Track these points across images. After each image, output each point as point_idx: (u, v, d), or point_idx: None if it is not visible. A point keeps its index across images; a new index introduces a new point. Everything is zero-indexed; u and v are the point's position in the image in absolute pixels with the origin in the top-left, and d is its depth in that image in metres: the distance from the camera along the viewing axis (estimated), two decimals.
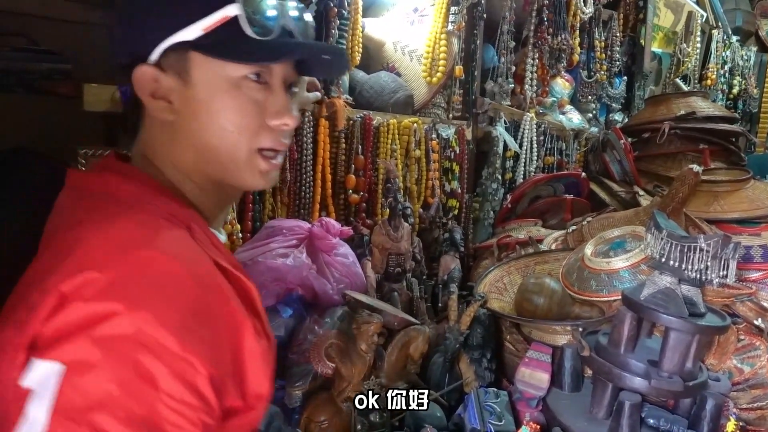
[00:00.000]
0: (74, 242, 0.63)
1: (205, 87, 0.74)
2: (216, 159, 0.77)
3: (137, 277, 0.60)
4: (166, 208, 0.71)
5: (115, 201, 0.70)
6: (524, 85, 2.59)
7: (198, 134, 0.75)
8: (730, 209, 1.96)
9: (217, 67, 0.73)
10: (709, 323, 1.15)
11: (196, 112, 0.75)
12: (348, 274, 1.56)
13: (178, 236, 0.68)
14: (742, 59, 4.67)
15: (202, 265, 0.68)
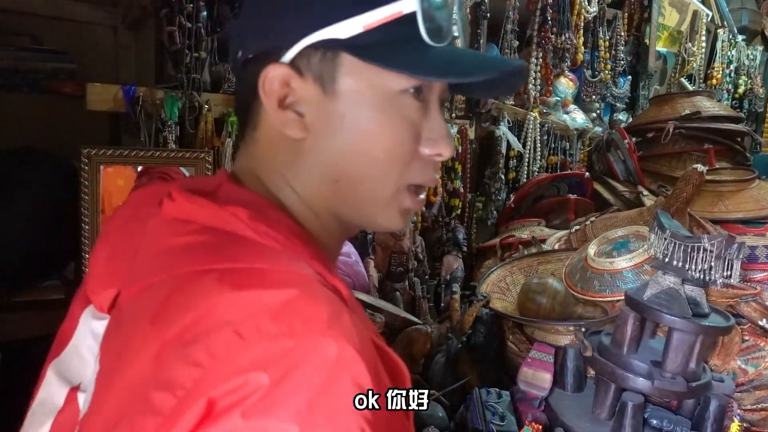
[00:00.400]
0: (211, 311, 0.46)
1: (354, 100, 0.58)
2: (353, 193, 0.61)
3: (317, 383, 0.43)
4: (314, 263, 0.55)
5: (252, 249, 0.53)
6: (528, 85, 2.59)
7: (334, 159, 0.59)
8: (734, 209, 1.95)
9: (373, 76, 0.57)
10: (713, 324, 1.15)
11: (337, 130, 0.58)
12: (351, 273, 1.57)
13: (346, 314, 0.49)
14: (748, 58, 4.65)
15: (373, 355, 0.49)
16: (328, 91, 0.58)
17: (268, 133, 0.61)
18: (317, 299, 0.48)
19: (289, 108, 0.59)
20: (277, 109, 0.58)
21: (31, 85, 1.72)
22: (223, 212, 0.55)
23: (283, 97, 0.58)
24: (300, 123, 0.59)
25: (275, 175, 0.62)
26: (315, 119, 0.59)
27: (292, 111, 0.59)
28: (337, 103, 0.58)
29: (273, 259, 0.52)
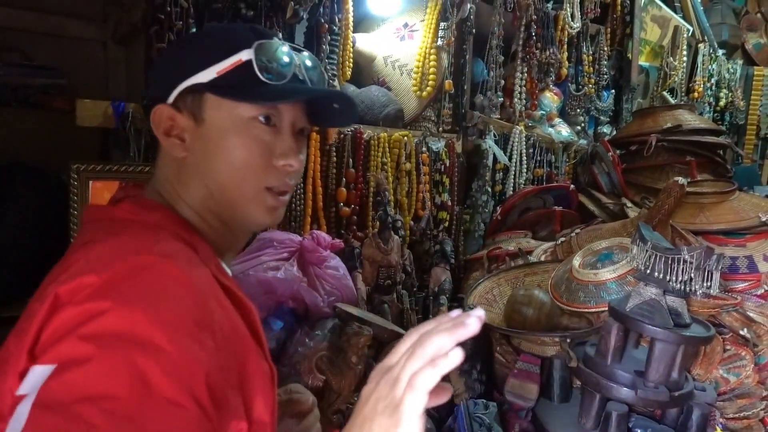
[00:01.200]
0: (80, 256, 0.65)
1: (217, 126, 0.78)
2: (224, 195, 0.79)
3: (133, 278, 0.60)
4: (177, 231, 0.74)
5: (130, 224, 0.73)
6: (513, 99, 2.62)
7: (208, 171, 0.79)
8: (716, 220, 1.99)
9: (229, 108, 0.77)
10: (694, 334, 1.17)
11: (208, 150, 0.78)
12: (339, 286, 1.58)
13: (181, 248, 0.70)
14: (729, 72, 4.73)
15: (203, 276, 0.68)
16: (199, 121, 0.78)
17: (163, 156, 0.82)
18: (158, 239, 0.69)
19: (172, 136, 0.79)
20: (164, 137, 0.79)
21: (21, 100, 1.73)
22: (116, 209, 0.77)
23: (169, 128, 0.79)
24: (182, 146, 0.79)
25: (169, 188, 0.81)
26: (193, 143, 0.79)
27: (176, 138, 0.79)
28: (207, 129, 0.78)
29: (140, 230, 0.71)
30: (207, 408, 0.58)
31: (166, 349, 0.56)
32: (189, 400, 0.56)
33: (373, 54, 2.25)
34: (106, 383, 0.53)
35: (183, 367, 0.57)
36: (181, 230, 0.75)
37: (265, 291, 1.45)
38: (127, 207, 0.76)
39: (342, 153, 1.92)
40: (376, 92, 2.10)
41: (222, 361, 0.63)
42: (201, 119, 0.78)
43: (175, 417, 0.55)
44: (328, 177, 1.91)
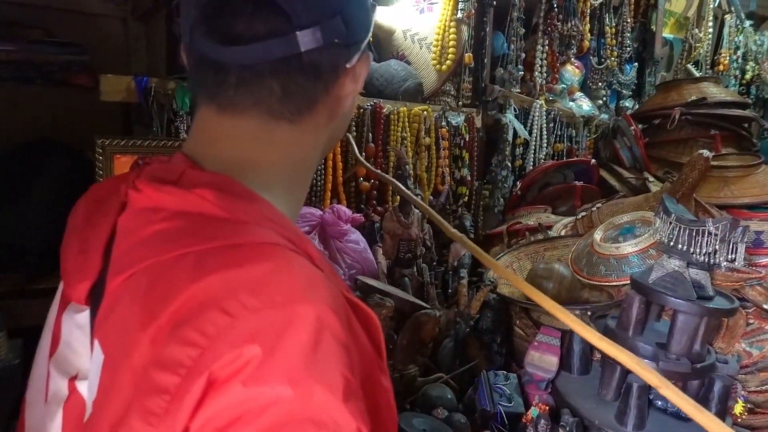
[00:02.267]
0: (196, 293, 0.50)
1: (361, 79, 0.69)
2: (336, 142, 0.77)
3: (312, 347, 0.48)
4: (284, 231, 0.59)
5: (222, 227, 0.56)
6: (534, 72, 2.59)
7: (343, 128, 0.75)
8: (740, 194, 1.96)
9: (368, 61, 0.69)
10: (717, 306, 1.17)
11: (351, 105, 0.71)
12: (359, 260, 1.59)
13: (318, 276, 0.55)
14: (756, 44, 4.61)
15: (342, 307, 0.55)
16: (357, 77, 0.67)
17: (326, 108, 0.66)
18: (291, 268, 0.54)
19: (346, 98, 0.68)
20: (344, 99, 0.67)
21: (45, 77, 1.75)
22: (191, 196, 0.58)
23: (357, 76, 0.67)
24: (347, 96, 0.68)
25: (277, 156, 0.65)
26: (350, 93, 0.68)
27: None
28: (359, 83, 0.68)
29: (244, 233, 0.56)
30: None
31: (351, 426, 0.48)
32: None
33: (393, 27, 2.23)
34: None
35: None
36: (285, 223, 0.61)
37: None
38: (211, 196, 0.58)
39: (362, 128, 1.92)
40: (396, 66, 2.08)
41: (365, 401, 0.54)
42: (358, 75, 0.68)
43: None
44: (348, 152, 1.91)
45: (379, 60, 2.15)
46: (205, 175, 0.61)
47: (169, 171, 0.62)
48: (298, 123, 0.64)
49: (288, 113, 0.63)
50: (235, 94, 0.61)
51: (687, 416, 1.19)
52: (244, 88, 0.60)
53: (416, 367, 1.42)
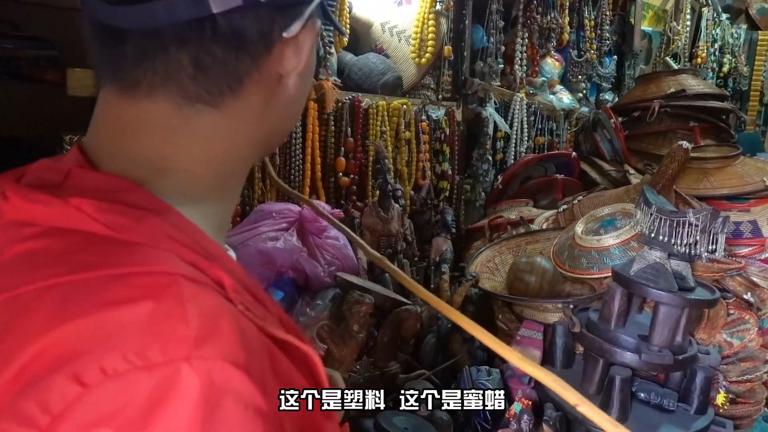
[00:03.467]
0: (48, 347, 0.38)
1: (310, 55, 0.55)
2: (281, 136, 0.65)
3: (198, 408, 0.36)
4: (188, 254, 0.45)
5: (103, 250, 0.43)
6: (514, 65, 2.58)
7: (291, 116, 0.61)
8: (719, 185, 1.97)
9: (315, 29, 0.54)
10: (698, 297, 1.16)
11: (305, 86, 0.58)
12: (339, 256, 1.56)
13: (222, 317, 0.41)
14: (732, 37, 4.67)
15: (257, 353, 0.42)
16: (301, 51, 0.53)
17: (258, 88, 0.52)
18: (183, 309, 0.39)
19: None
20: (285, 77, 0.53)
21: (12, 72, 1.69)
22: (67, 207, 0.45)
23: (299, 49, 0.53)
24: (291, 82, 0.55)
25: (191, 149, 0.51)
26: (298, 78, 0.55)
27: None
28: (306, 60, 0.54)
29: (130, 259, 0.43)
30: None
31: None
32: None
33: (371, 20, 2.20)
34: None
35: None
36: (189, 247, 0.46)
37: (265, 261, 1.43)
38: (91, 208, 0.45)
39: (340, 122, 1.89)
40: (374, 60, 2.06)
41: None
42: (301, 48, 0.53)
43: None
44: (327, 146, 1.88)
45: (357, 53, 2.12)
46: (94, 177, 0.49)
47: (54, 171, 0.49)
48: (222, 108, 0.50)
49: (205, 94, 0.49)
50: (135, 69, 0.48)
51: (669, 408, 1.19)
52: (147, 62, 0.47)
53: (397, 364, 1.39)
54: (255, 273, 1.45)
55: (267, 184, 1.71)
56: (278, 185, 1.38)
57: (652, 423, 1.16)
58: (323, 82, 1.77)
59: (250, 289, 0.49)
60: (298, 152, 1.76)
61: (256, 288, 0.51)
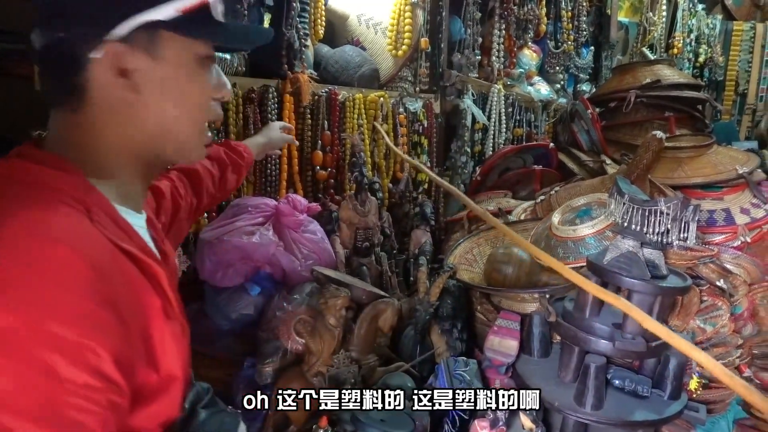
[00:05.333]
0: None
1: (176, 64, 0.74)
2: (174, 138, 0.77)
3: (30, 270, 0.57)
4: (69, 190, 0.68)
5: (13, 184, 0.67)
6: (491, 57, 2.58)
7: (161, 113, 0.75)
8: (693, 174, 1.99)
9: (188, 46, 0.74)
10: (670, 285, 1.17)
11: (163, 89, 0.74)
12: (316, 250, 1.56)
13: (72, 221, 0.64)
14: (708, 28, 4.71)
15: (97, 249, 0.64)
16: (156, 59, 0.72)
17: (92, 101, 0.72)
18: (56, 213, 0.63)
19: (125, 77, 0.72)
20: (116, 78, 0.71)
21: None
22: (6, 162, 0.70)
23: (121, 68, 0.71)
24: (132, 87, 0.73)
25: (93, 135, 0.74)
26: (145, 84, 0.73)
27: (126, 79, 0.72)
28: (165, 68, 0.73)
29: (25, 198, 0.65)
30: (118, 383, 0.60)
31: (69, 338, 0.56)
32: (101, 380, 0.58)
33: (347, 12, 2.19)
34: (16, 386, 0.53)
35: (89, 351, 0.57)
36: (74, 188, 0.69)
37: (241, 256, 1.42)
38: (18, 164, 0.69)
39: (317, 115, 1.88)
40: (351, 52, 2.05)
41: (125, 333, 0.63)
42: (159, 57, 0.72)
43: (90, 399, 0.57)
44: (304, 140, 1.87)
45: (333, 46, 2.11)
46: (30, 150, 0.72)
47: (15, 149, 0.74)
48: (79, 112, 0.72)
49: (57, 101, 0.73)
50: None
51: (644, 394, 1.21)
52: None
53: (375, 356, 1.39)
54: (232, 268, 1.44)
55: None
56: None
57: (627, 409, 1.17)
58: (299, 74, 1.75)
59: (116, 222, 0.71)
60: None
61: (124, 224, 0.73)
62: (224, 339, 1.46)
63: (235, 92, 1.62)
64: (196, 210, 1.29)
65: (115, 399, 0.60)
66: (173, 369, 0.71)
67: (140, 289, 0.69)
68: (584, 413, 1.16)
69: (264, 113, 1.70)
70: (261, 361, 1.30)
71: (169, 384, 0.71)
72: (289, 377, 1.27)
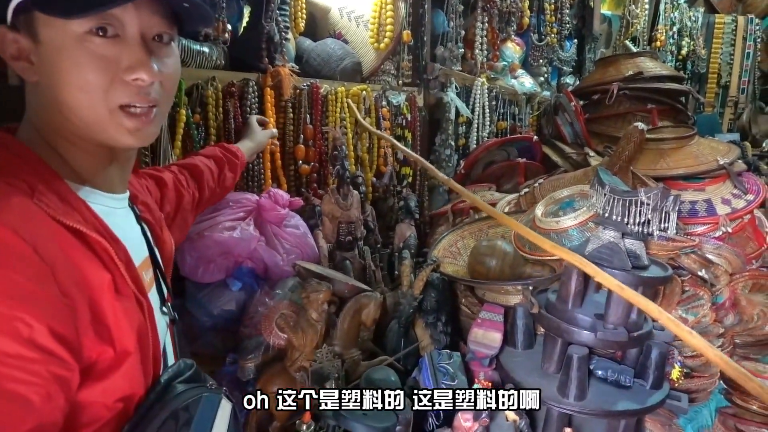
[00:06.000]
0: None
1: (52, 45, 0.72)
2: (77, 117, 0.76)
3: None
4: (11, 169, 0.70)
5: None
6: (475, 50, 2.58)
7: (55, 93, 0.74)
8: (675, 166, 1.99)
9: (59, 25, 0.72)
10: (651, 275, 1.18)
11: (50, 71, 0.74)
12: (299, 244, 1.54)
13: (10, 200, 0.65)
14: (690, 20, 4.74)
15: (32, 226, 0.65)
16: (36, 41, 0.73)
17: (26, 84, 0.77)
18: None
19: (21, 59, 0.74)
20: (13, 61, 0.74)
21: None
22: None
23: (15, 51, 0.74)
24: (32, 69, 0.75)
25: (33, 114, 0.78)
26: (38, 65, 0.74)
27: (25, 61, 0.75)
28: (44, 49, 0.73)
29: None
30: (59, 354, 0.61)
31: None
32: (34, 350, 0.59)
33: (328, 5, 2.17)
34: None
35: (20, 322, 0.58)
36: (18, 167, 0.71)
37: (222, 251, 1.41)
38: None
39: (299, 109, 1.86)
40: (332, 45, 2.03)
41: (71, 303, 0.64)
42: (38, 39, 0.73)
43: (26, 370, 0.58)
44: (286, 134, 1.85)
45: (315, 39, 2.09)
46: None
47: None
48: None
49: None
50: None
51: (626, 384, 1.21)
52: None
53: (359, 350, 1.39)
54: (213, 264, 1.43)
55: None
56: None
57: (609, 399, 1.17)
58: (279, 68, 1.74)
59: (64, 199, 0.72)
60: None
61: (74, 200, 0.74)
62: (206, 335, 1.45)
63: (214, 86, 1.59)
64: (199, 202, 1.32)
65: (58, 371, 0.61)
66: (126, 344, 0.71)
67: (86, 265, 0.69)
68: (568, 404, 1.16)
69: (244, 107, 1.68)
70: (243, 356, 1.29)
71: (124, 359, 0.71)
72: (271, 373, 1.25)
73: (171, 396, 0.76)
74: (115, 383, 0.71)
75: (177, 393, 0.77)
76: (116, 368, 0.70)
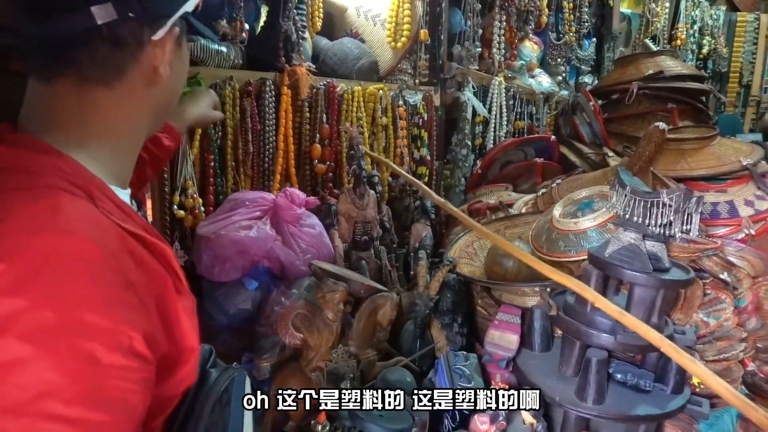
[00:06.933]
0: None
1: (180, 45, 0.80)
2: (170, 110, 0.86)
3: (48, 264, 0.58)
4: (66, 177, 0.68)
5: (10, 174, 0.66)
6: (492, 49, 2.56)
7: (167, 93, 0.82)
8: (697, 166, 1.96)
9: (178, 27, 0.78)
10: (673, 277, 1.16)
11: (176, 67, 0.80)
12: (315, 244, 1.54)
13: (81, 211, 0.65)
14: (712, 19, 4.67)
15: (109, 235, 0.66)
16: (180, 47, 0.79)
17: (137, 77, 0.75)
18: (58, 203, 0.63)
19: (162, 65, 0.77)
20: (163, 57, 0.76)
21: None
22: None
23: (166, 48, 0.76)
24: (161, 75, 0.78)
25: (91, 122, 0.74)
26: (165, 70, 0.77)
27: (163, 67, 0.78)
28: (182, 55, 0.81)
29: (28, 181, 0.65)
30: (150, 360, 0.64)
31: (103, 325, 0.59)
32: (137, 360, 0.62)
33: (345, 4, 2.17)
34: (61, 375, 0.55)
35: (123, 334, 0.60)
36: (71, 174, 0.69)
37: (238, 251, 1.41)
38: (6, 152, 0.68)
39: (315, 108, 1.86)
40: (349, 44, 2.02)
41: (148, 311, 0.66)
42: (180, 46, 0.80)
43: (130, 380, 0.61)
44: (302, 133, 1.85)
45: (332, 38, 2.09)
46: (13, 135, 0.71)
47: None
48: (113, 87, 0.73)
49: (100, 79, 0.72)
50: (44, 63, 0.70)
51: (646, 389, 1.19)
52: (52, 58, 0.69)
53: (374, 351, 1.38)
54: (229, 262, 1.43)
55: (240, 173, 1.68)
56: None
57: (629, 404, 1.16)
58: (296, 67, 1.73)
59: (118, 205, 0.72)
60: (271, 140, 1.73)
61: (124, 205, 0.74)
62: (222, 334, 1.45)
63: (231, 85, 1.60)
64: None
65: (149, 375, 0.65)
66: (190, 341, 0.75)
67: (151, 269, 0.71)
68: (586, 408, 1.15)
69: (261, 106, 1.68)
70: (259, 356, 1.29)
71: (189, 355, 0.75)
72: (287, 373, 1.25)
73: (210, 382, 0.83)
74: (183, 376, 0.75)
75: (214, 378, 0.84)
76: (183, 364, 0.74)
